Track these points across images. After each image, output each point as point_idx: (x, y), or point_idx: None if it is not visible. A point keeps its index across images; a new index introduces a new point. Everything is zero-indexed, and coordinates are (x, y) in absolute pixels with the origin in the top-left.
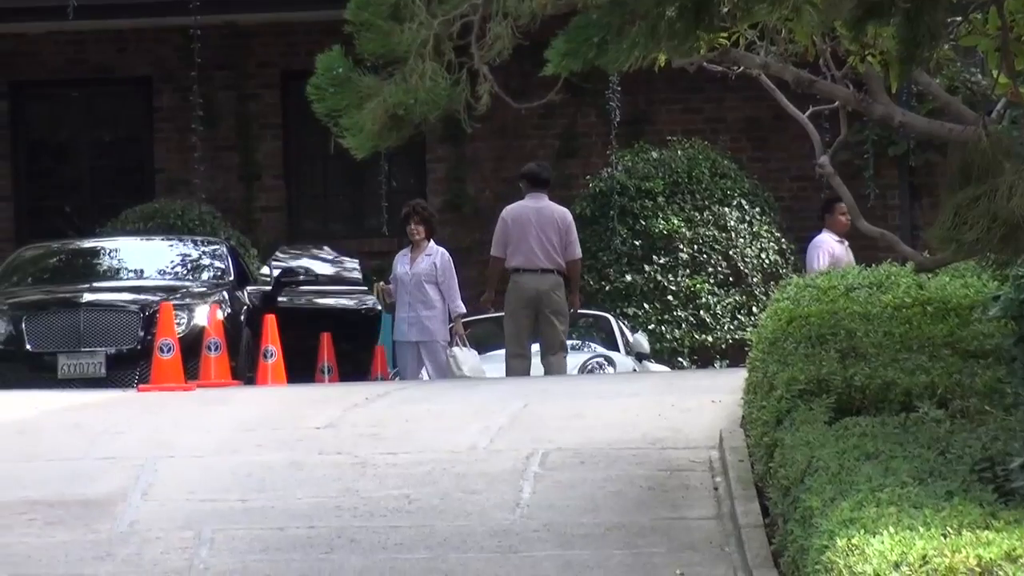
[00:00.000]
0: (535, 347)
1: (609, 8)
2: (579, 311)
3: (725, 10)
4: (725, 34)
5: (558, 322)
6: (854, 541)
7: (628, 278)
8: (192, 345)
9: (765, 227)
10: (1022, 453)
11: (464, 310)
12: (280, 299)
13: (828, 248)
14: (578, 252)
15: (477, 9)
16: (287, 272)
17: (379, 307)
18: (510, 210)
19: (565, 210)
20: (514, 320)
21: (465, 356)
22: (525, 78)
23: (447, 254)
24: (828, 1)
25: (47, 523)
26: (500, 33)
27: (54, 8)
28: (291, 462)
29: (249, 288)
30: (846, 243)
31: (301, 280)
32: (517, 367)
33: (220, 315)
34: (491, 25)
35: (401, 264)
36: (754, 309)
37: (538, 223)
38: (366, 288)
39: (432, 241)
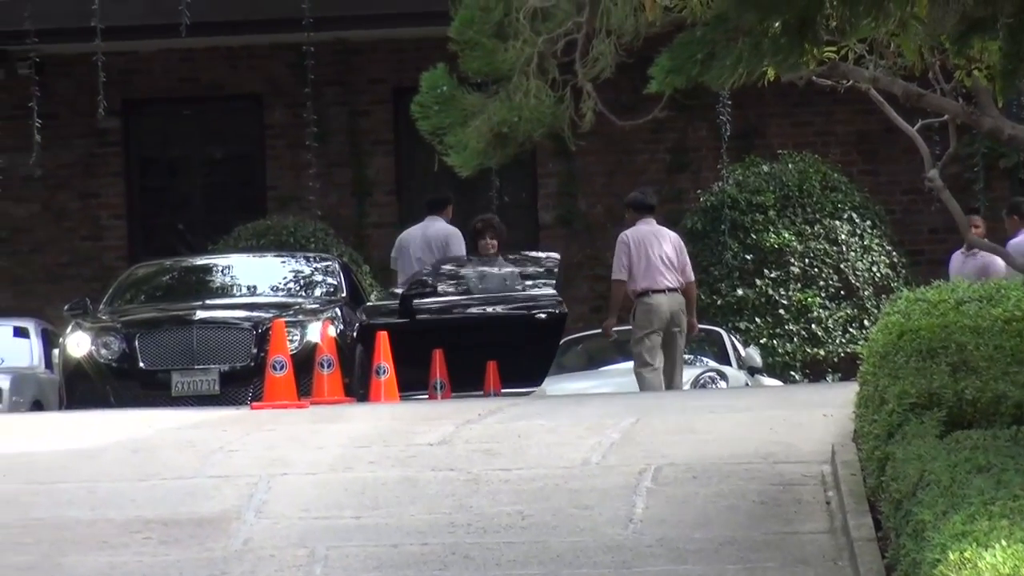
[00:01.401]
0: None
1: (713, 25)
2: None
3: (833, 25)
4: (834, 48)
5: (682, 340)
6: (966, 555)
7: (740, 292)
8: (305, 362)
9: (876, 240)
10: None
11: None
12: (423, 314)
13: (951, 262)
14: (693, 274)
15: (581, 27)
16: (415, 285)
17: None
18: (630, 234)
19: (675, 234)
20: (650, 339)
21: None
22: (635, 92)
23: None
24: (933, 16)
25: (161, 542)
26: (603, 51)
27: (166, 26)
28: (404, 479)
29: (369, 304)
30: (977, 254)
31: (428, 292)
32: (653, 380)
33: (332, 332)
34: (595, 43)
35: None
36: (866, 322)
37: (659, 246)
38: (552, 294)
39: (501, 256)
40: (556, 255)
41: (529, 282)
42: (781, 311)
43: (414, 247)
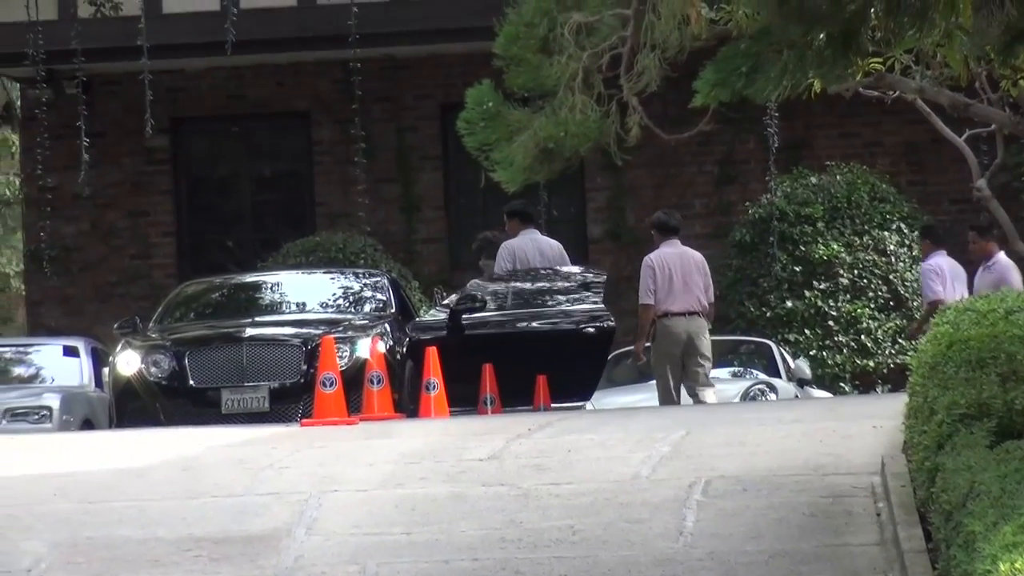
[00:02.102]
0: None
1: (757, 38)
2: (740, 338)
3: (878, 36)
4: (880, 60)
5: (705, 362)
6: (1017, 565)
7: (789, 304)
8: (354, 378)
9: None
10: None
11: None
12: (472, 328)
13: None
14: (713, 295)
15: (625, 41)
16: (464, 300)
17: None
18: (654, 257)
19: (700, 255)
20: (667, 361)
21: None
22: (682, 106)
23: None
24: (977, 26)
25: (212, 559)
26: (648, 65)
27: (213, 44)
28: (455, 494)
29: (420, 319)
30: (994, 267)
31: (477, 307)
32: (668, 399)
33: (382, 348)
34: (639, 57)
35: None
36: None
37: (682, 268)
38: (599, 308)
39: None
40: (603, 271)
41: (576, 296)
42: (830, 323)
43: (532, 259)
